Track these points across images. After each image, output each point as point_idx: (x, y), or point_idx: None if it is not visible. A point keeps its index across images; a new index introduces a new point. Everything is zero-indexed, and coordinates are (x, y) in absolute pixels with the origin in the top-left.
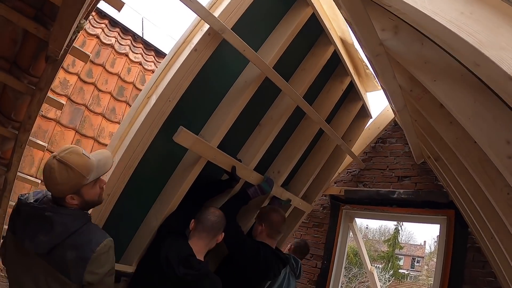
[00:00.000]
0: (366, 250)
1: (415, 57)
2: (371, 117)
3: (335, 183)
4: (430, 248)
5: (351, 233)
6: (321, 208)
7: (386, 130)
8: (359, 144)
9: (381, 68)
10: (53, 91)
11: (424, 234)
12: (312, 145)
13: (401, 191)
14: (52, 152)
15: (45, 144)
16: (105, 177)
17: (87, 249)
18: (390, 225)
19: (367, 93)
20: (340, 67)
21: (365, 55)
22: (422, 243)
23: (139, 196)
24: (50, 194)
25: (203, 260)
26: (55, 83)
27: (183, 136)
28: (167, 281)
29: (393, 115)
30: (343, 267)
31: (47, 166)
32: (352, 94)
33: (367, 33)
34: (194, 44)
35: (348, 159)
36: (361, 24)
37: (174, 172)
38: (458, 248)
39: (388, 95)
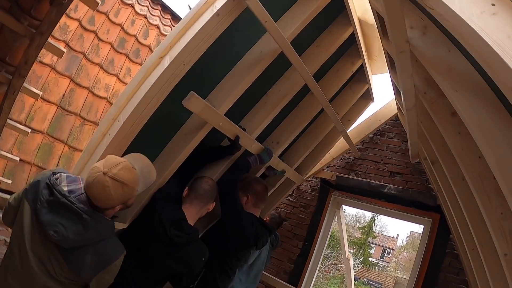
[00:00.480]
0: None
1: (440, 62)
2: (373, 101)
3: (327, 167)
4: (402, 242)
5: (335, 218)
6: (310, 190)
7: (386, 124)
8: (358, 133)
9: (402, 65)
10: (51, 36)
11: (398, 228)
12: (313, 119)
13: (392, 186)
14: (44, 100)
15: (40, 92)
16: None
17: (107, 259)
18: (367, 213)
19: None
20: (354, 48)
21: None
22: (395, 236)
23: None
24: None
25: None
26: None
27: (193, 102)
28: (156, 240)
29: (396, 111)
30: (324, 250)
31: (100, 184)
32: (360, 75)
33: (397, 28)
34: (217, 8)
35: (344, 146)
36: (393, 18)
37: (176, 135)
38: (437, 251)
39: (400, 92)
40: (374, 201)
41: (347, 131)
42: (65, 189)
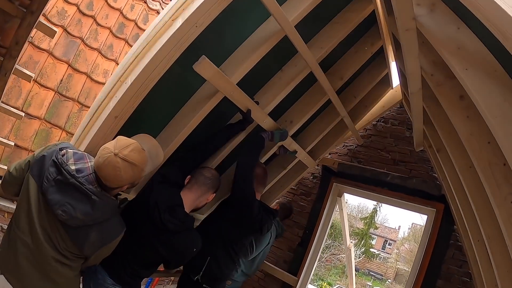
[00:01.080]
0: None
1: (448, 40)
2: (392, 88)
3: (329, 154)
4: (404, 233)
5: (337, 207)
6: (311, 177)
7: (390, 111)
8: (361, 120)
9: (408, 44)
10: (49, 21)
11: (400, 219)
12: (329, 101)
13: (395, 174)
14: (42, 85)
15: (32, 74)
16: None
17: (109, 236)
18: (369, 204)
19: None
20: (374, 29)
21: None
22: (397, 228)
23: (146, 124)
24: (95, 172)
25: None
26: (52, 12)
27: (204, 66)
28: (150, 223)
29: (401, 97)
30: (325, 239)
31: (111, 165)
32: (379, 59)
33: (403, 4)
34: None
35: (346, 134)
36: None
37: (186, 103)
38: (440, 242)
39: (405, 75)
40: (377, 189)
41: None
42: (73, 167)
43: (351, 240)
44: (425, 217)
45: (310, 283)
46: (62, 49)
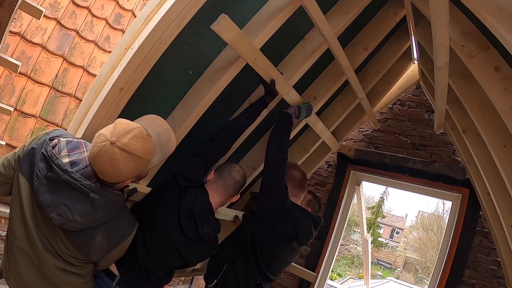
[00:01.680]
0: (350, 215)
1: (488, 1)
2: (414, 62)
3: (344, 141)
4: (412, 222)
5: (355, 196)
6: (326, 166)
7: (406, 93)
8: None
9: (438, 9)
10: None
11: (407, 208)
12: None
13: (417, 159)
14: (36, 81)
15: (19, 63)
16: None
17: (119, 237)
18: (376, 193)
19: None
20: None
21: None
22: (404, 216)
23: (157, 100)
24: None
25: None
26: (44, 4)
27: (224, 26)
28: (180, 232)
29: (417, 78)
30: (343, 231)
31: (107, 156)
32: (401, 31)
33: None
34: None
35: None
36: None
37: (202, 74)
38: (467, 230)
39: (426, 50)
40: (397, 176)
41: (389, 91)
42: (66, 160)
43: (358, 229)
44: (432, 204)
45: None
46: (56, 43)
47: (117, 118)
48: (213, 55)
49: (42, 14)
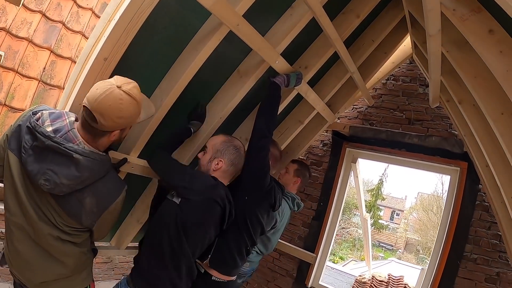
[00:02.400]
0: (350, 198)
1: None
2: (410, 32)
3: (338, 118)
4: (411, 203)
5: (351, 174)
6: (321, 145)
7: (400, 67)
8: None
9: None
10: (26, 7)
11: (406, 189)
12: (348, 46)
13: (413, 134)
14: (24, 76)
15: (2, 52)
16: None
17: (108, 198)
18: (374, 177)
19: None
20: None
21: None
22: (403, 198)
23: (145, 69)
24: (75, 128)
25: None
26: None
27: None
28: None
29: (410, 52)
30: (341, 211)
31: (114, 97)
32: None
33: None
34: None
35: (356, 93)
36: None
37: (188, 43)
38: (466, 204)
39: (418, 19)
40: (394, 151)
41: (383, 65)
42: (49, 129)
43: (358, 212)
44: (432, 184)
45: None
46: (42, 36)
47: None
48: (198, 24)
49: (22, 2)
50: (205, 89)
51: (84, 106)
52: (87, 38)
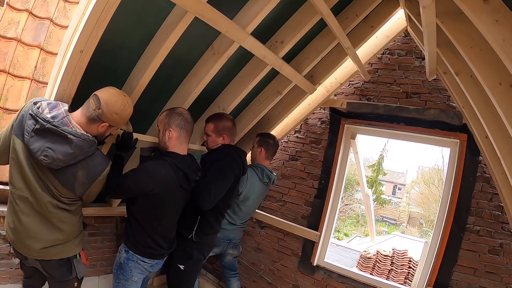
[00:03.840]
0: (352, 174)
1: None
2: (402, 7)
3: (335, 95)
4: (412, 177)
5: (351, 150)
6: (319, 123)
7: (395, 41)
8: (364, 53)
9: None
10: (12, 7)
11: (406, 163)
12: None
13: (411, 107)
14: (16, 76)
15: None
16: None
17: (96, 171)
18: (375, 152)
19: None
20: None
21: None
22: (405, 172)
23: (123, 51)
24: (69, 115)
25: None
26: None
27: None
28: (187, 191)
29: (405, 24)
30: (343, 187)
31: (122, 99)
32: None
33: None
34: None
35: (351, 69)
36: None
37: (160, 26)
38: (467, 176)
39: None
40: (393, 126)
41: (368, 40)
42: (48, 116)
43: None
44: (432, 158)
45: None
46: (31, 34)
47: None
48: (168, 7)
49: (5, 2)
50: (181, 64)
51: (95, 94)
52: None
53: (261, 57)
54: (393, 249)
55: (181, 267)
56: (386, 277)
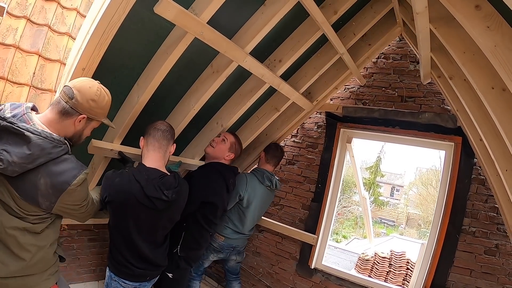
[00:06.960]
0: (349, 176)
1: None
2: (398, 25)
3: (331, 99)
4: (410, 179)
5: (347, 154)
6: (315, 127)
7: (389, 45)
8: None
9: None
10: (10, 14)
11: (404, 165)
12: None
13: (406, 111)
14: (14, 83)
15: None
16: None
17: (63, 179)
18: (373, 155)
19: None
20: None
21: None
22: (403, 173)
23: (124, 69)
24: (30, 112)
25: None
26: (12, 4)
27: (164, 7)
28: (153, 210)
29: (400, 29)
30: (339, 191)
31: (95, 85)
32: None
33: None
34: None
35: (347, 73)
36: None
37: (161, 45)
38: (462, 178)
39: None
40: (388, 129)
41: (366, 56)
42: (8, 115)
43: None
44: (430, 159)
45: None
46: (29, 40)
47: None
48: (169, 26)
49: (5, 11)
50: (180, 81)
51: (65, 85)
52: (74, 39)
53: (259, 75)
54: (391, 251)
55: (170, 275)
56: (384, 279)
